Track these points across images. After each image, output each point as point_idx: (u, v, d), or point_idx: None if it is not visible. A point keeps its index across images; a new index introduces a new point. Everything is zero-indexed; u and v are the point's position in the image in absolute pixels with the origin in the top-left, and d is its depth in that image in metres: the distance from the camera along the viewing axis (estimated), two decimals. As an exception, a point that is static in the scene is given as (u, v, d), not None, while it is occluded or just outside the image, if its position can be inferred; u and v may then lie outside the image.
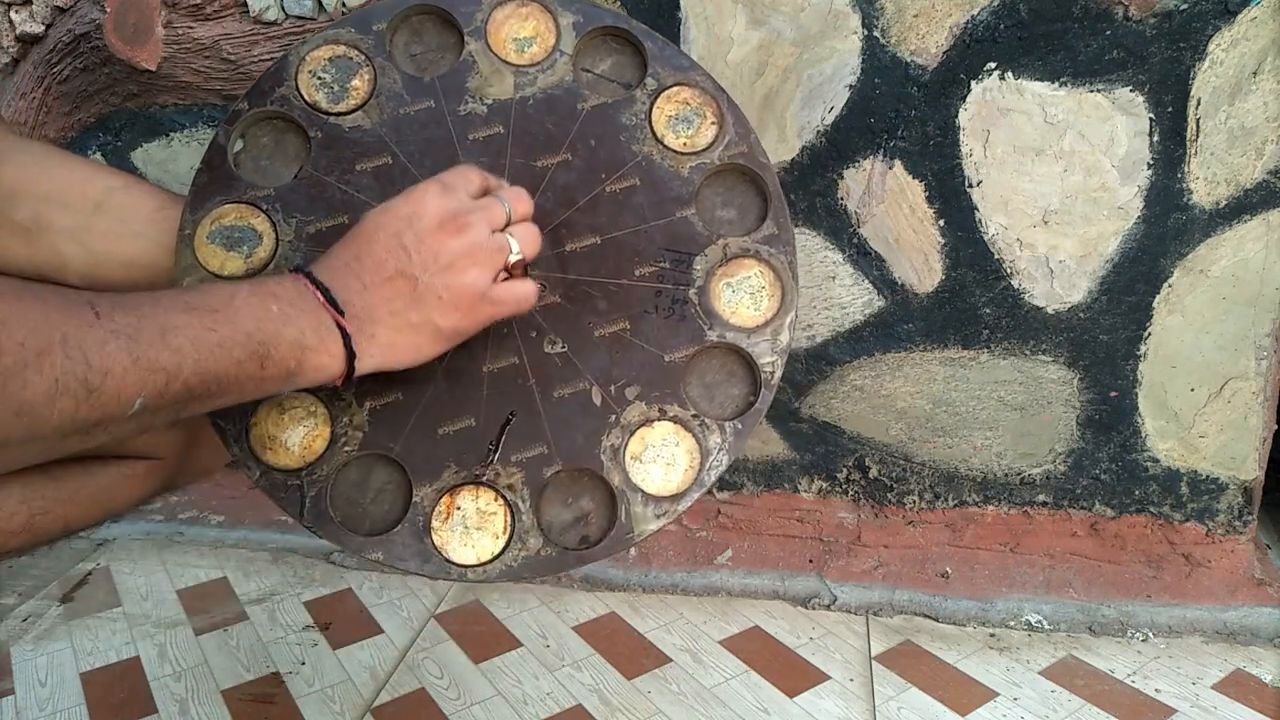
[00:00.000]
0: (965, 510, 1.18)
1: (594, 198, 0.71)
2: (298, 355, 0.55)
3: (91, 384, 0.44)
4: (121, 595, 1.21)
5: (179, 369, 0.48)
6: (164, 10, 1.13)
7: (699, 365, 0.70)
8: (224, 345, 0.50)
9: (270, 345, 0.53)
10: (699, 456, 0.68)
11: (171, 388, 0.48)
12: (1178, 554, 1.13)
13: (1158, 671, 1.02)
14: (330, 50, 0.72)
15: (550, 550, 0.66)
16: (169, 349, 0.47)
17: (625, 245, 0.71)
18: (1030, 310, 1.09)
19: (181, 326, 0.49)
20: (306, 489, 0.65)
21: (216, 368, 0.50)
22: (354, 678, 1.03)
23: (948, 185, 1.06)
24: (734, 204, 0.74)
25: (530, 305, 0.64)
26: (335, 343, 0.57)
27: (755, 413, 0.69)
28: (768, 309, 0.71)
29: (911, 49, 1.02)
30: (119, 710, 0.98)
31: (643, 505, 0.67)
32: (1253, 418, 1.08)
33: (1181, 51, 0.97)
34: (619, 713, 0.97)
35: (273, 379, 0.54)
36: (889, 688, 0.99)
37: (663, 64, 0.74)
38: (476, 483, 0.66)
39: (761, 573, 1.21)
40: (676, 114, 0.74)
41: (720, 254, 0.71)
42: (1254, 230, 1.02)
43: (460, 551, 0.65)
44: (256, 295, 0.54)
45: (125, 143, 1.28)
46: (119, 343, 0.45)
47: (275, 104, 0.71)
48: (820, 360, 1.16)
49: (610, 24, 0.75)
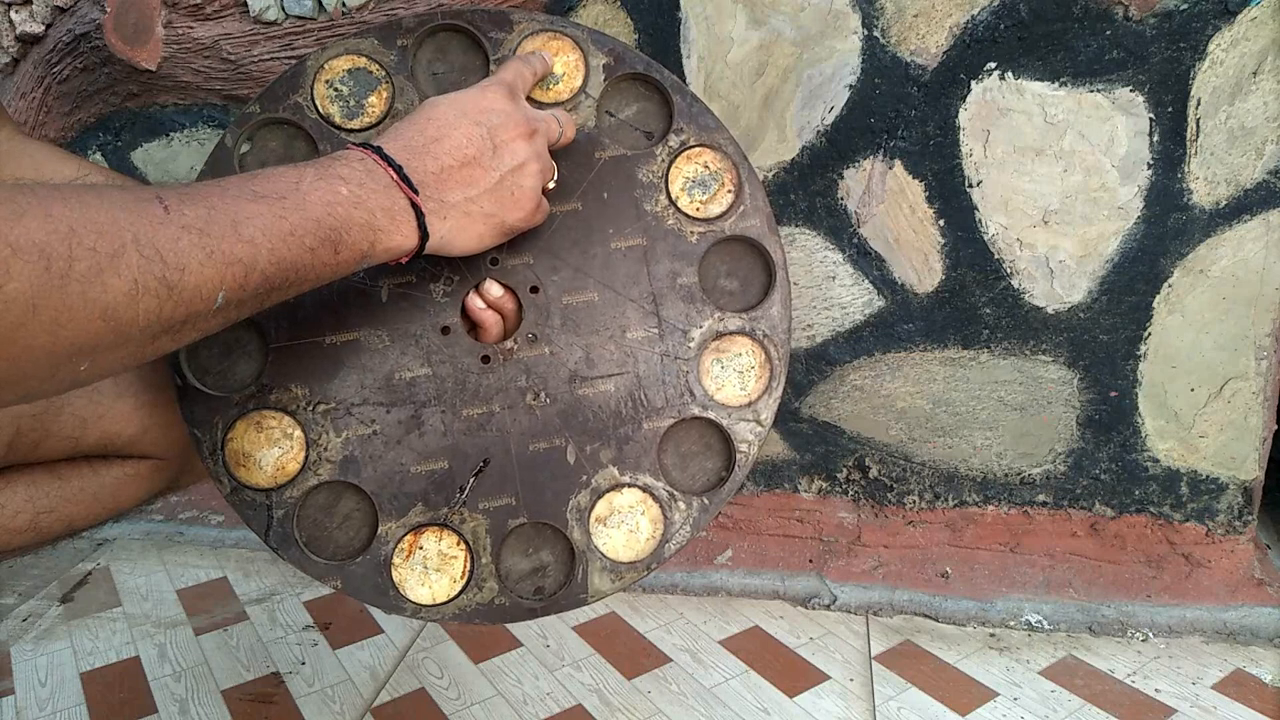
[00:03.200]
0: (965, 510, 1.18)
1: (598, 253, 0.70)
2: (370, 237, 0.54)
3: (171, 281, 0.44)
4: (121, 595, 1.21)
5: (255, 260, 0.48)
6: (164, 10, 1.13)
7: (676, 434, 0.70)
8: (296, 233, 0.50)
9: (342, 230, 0.52)
10: (662, 528, 0.68)
11: (250, 279, 0.48)
12: (1178, 554, 1.13)
13: (1158, 671, 1.02)
14: (350, 61, 0.70)
15: (504, 599, 0.66)
16: (242, 240, 0.47)
17: (623, 305, 0.70)
18: (1030, 310, 1.09)
19: (252, 216, 0.48)
20: (275, 509, 0.65)
21: (291, 256, 0.50)
22: (354, 678, 1.03)
23: (948, 185, 1.06)
24: (737, 276, 0.72)
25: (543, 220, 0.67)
26: (409, 222, 0.57)
27: (724, 492, 0.69)
28: (754, 389, 0.70)
29: (911, 49, 1.02)
30: (119, 710, 0.98)
31: (600, 569, 0.67)
32: (1253, 418, 1.08)
33: (1181, 51, 0.97)
34: (619, 713, 0.97)
35: (348, 263, 0.54)
36: (889, 688, 1.00)
37: (689, 120, 0.72)
38: (442, 525, 0.66)
39: (761, 573, 1.21)
40: (694, 176, 0.72)
41: (715, 328, 0.70)
42: (1254, 230, 1.02)
43: (417, 590, 0.66)
44: (324, 179, 0.53)
45: (125, 143, 1.28)
46: (191, 238, 0.45)
47: (288, 111, 0.69)
48: (820, 360, 1.16)
49: (642, 70, 0.72)
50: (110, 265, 0.41)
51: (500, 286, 0.69)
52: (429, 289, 0.68)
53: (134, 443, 0.71)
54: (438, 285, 0.69)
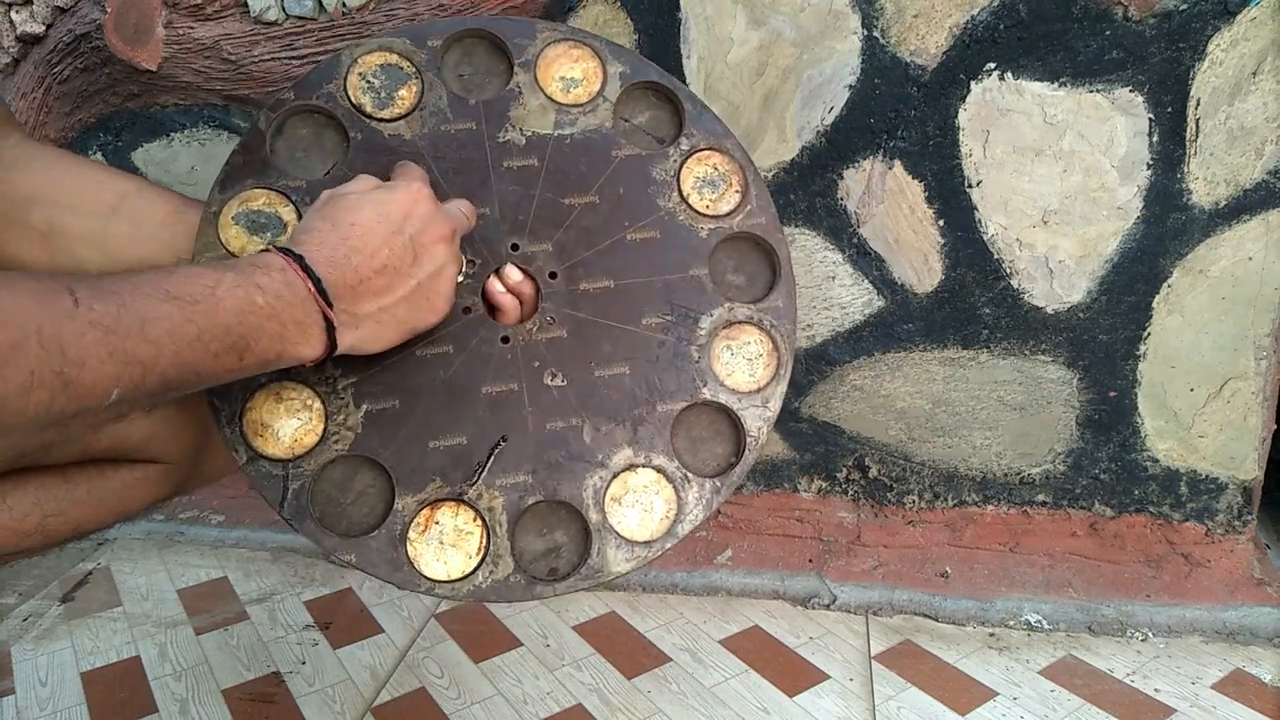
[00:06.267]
0: (965, 510, 1.18)
1: (614, 243, 0.73)
2: (278, 347, 0.54)
3: (68, 376, 0.43)
4: (122, 595, 1.21)
5: (156, 361, 0.47)
6: (164, 10, 1.13)
7: (688, 419, 0.72)
8: (202, 339, 0.49)
9: (250, 338, 0.52)
10: (676, 508, 0.69)
11: (148, 380, 0.47)
12: (1177, 554, 1.13)
13: (1157, 671, 1.02)
14: (383, 57, 0.73)
15: (518, 577, 0.66)
16: (147, 341, 0.46)
17: (637, 293, 0.73)
18: (1030, 310, 1.09)
19: (161, 318, 0.48)
20: (290, 480, 0.65)
21: (194, 359, 0.49)
22: (354, 677, 1.03)
23: (947, 185, 1.06)
24: (745, 271, 0.76)
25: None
26: (318, 335, 0.56)
27: (735, 475, 0.71)
28: (762, 376, 0.73)
29: (911, 49, 1.02)
30: (119, 710, 0.98)
31: (615, 547, 0.68)
32: (1252, 418, 1.08)
33: (1181, 52, 0.97)
34: (619, 712, 0.97)
35: (250, 368, 0.54)
36: (889, 687, 1.00)
37: (699, 126, 0.77)
38: (459, 500, 0.67)
39: (761, 572, 1.21)
40: (704, 176, 0.76)
41: (725, 317, 0.73)
42: (1253, 230, 1.02)
43: (432, 565, 0.66)
44: (241, 286, 0.52)
45: (126, 143, 1.28)
46: (96, 334, 0.44)
47: (321, 99, 0.72)
48: (820, 360, 1.16)
49: (655, 79, 0.77)
50: (9, 356, 0.41)
51: (520, 271, 0.71)
52: None
53: (143, 447, 0.71)
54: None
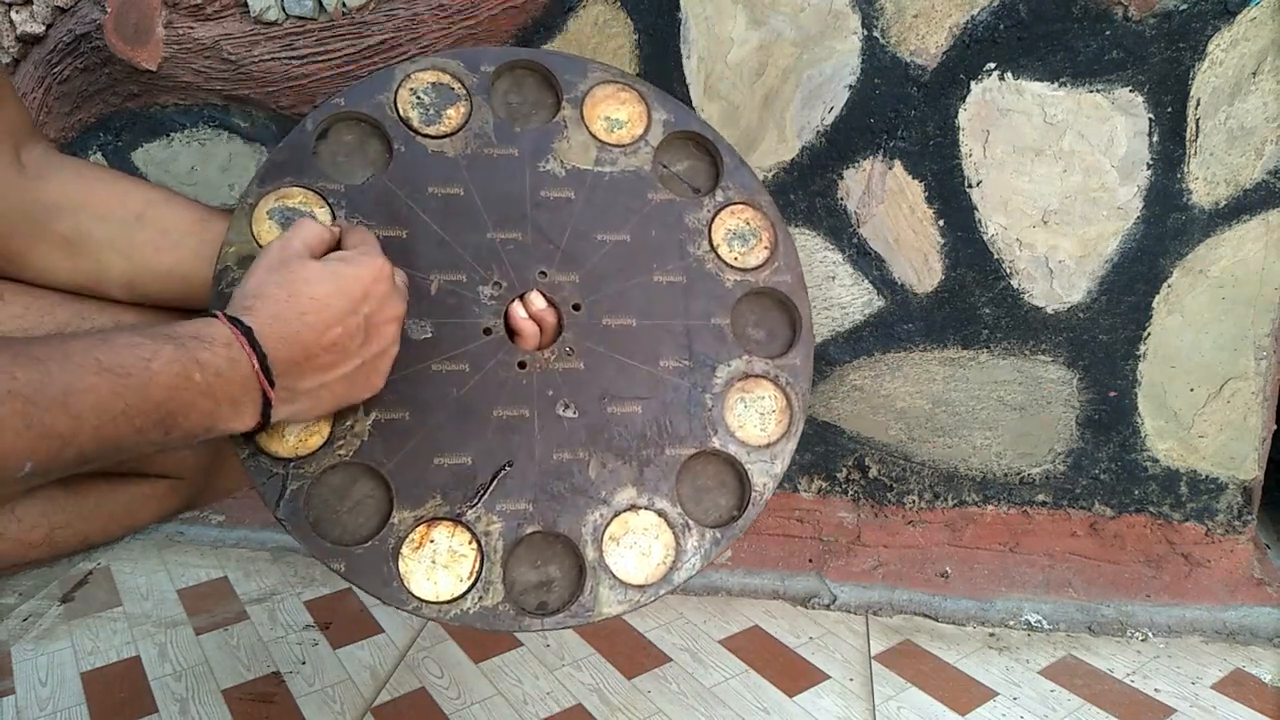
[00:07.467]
0: (965, 510, 1.18)
1: (641, 283, 0.74)
2: (208, 423, 0.52)
3: None
4: (122, 595, 1.21)
5: (75, 436, 0.44)
6: (164, 10, 1.13)
7: (695, 466, 0.72)
8: (129, 414, 0.46)
9: (180, 414, 0.49)
10: (674, 555, 0.69)
11: (65, 454, 0.44)
12: (1177, 554, 1.13)
13: (1157, 671, 1.02)
14: (435, 75, 0.74)
15: (507, 607, 0.66)
16: (69, 415, 0.44)
17: (657, 334, 0.73)
18: (1030, 310, 1.09)
19: (87, 390, 0.45)
20: (289, 480, 0.65)
21: (116, 435, 0.46)
22: (354, 677, 1.03)
23: (947, 185, 1.06)
24: (765, 326, 0.77)
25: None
26: (253, 411, 0.54)
27: (736, 528, 0.71)
28: (773, 432, 0.73)
29: (911, 49, 1.02)
30: (119, 710, 0.98)
31: (608, 587, 0.67)
32: (1252, 418, 1.09)
33: (1181, 52, 0.98)
34: (619, 712, 0.97)
35: (173, 443, 0.51)
36: (889, 687, 1.00)
37: (735, 180, 0.78)
38: (456, 520, 0.66)
39: (761, 572, 1.21)
40: (736, 229, 0.78)
41: (742, 369, 0.74)
42: (1253, 230, 1.02)
43: (421, 584, 0.65)
44: (179, 361, 0.49)
45: (126, 143, 1.28)
46: (15, 404, 0.42)
47: (370, 109, 0.72)
48: (820, 360, 1.16)
49: (697, 130, 0.79)
50: None
51: (544, 299, 0.71)
52: (478, 290, 0.71)
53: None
54: (486, 288, 0.71)
